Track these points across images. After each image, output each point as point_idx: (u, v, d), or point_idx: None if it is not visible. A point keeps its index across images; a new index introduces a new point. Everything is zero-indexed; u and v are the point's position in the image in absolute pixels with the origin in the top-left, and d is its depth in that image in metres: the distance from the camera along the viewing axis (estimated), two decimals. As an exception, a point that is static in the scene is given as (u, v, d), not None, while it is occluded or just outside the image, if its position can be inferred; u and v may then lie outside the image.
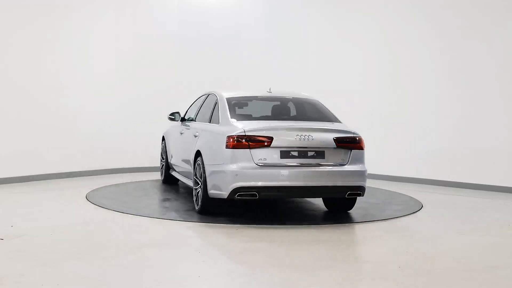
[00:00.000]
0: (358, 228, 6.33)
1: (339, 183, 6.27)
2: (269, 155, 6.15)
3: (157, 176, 10.22)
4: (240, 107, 7.19)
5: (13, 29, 8.95)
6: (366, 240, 5.84)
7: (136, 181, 9.57)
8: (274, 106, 7.27)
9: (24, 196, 7.92)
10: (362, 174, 6.40)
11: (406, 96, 10.11)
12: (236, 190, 6.11)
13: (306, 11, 11.28)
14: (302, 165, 6.20)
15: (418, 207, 7.58)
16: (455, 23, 9.51)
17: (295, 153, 6.20)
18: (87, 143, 10.10)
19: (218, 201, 6.48)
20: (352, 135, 6.42)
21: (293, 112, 7.20)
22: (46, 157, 9.39)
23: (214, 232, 5.91)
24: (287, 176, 6.13)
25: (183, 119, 8.20)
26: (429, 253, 5.31)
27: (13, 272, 4.37)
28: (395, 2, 10.24)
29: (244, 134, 6.17)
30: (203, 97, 7.93)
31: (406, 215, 7.06)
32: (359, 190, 6.39)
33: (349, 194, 6.35)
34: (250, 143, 6.13)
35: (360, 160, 6.42)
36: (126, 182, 9.42)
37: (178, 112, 8.39)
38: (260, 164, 6.11)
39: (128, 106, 10.79)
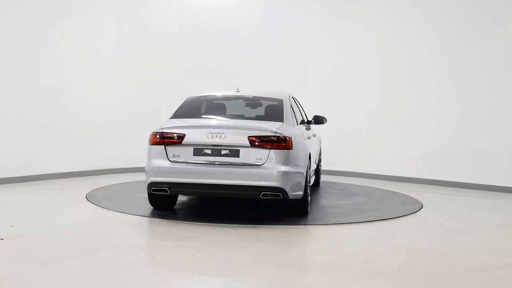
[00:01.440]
0: (358, 228, 6.33)
1: (252, 182, 6.11)
2: (183, 152, 6.27)
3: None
4: (196, 106, 7.22)
5: (13, 29, 8.95)
6: (366, 240, 5.84)
7: (136, 181, 9.56)
8: (225, 105, 7.29)
9: (24, 196, 7.91)
10: (280, 174, 6.10)
11: (406, 96, 10.11)
12: (150, 185, 6.36)
13: (306, 11, 11.28)
14: (215, 163, 6.19)
15: (418, 207, 7.58)
16: (455, 23, 9.51)
17: (208, 151, 6.24)
18: (87, 143, 10.10)
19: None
20: (268, 134, 6.17)
21: (239, 111, 7.20)
22: (46, 157, 9.39)
23: (214, 232, 5.91)
24: (197, 173, 6.18)
25: None
26: (429, 253, 5.31)
27: (13, 272, 4.37)
28: (395, 2, 10.24)
29: (161, 131, 6.38)
30: None
31: (406, 215, 7.06)
32: (276, 191, 6.13)
33: (263, 195, 6.13)
34: (164, 140, 6.32)
35: (280, 160, 6.13)
36: (126, 182, 9.42)
37: None
38: (173, 161, 6.27)
39: (128, 106, 10.79)
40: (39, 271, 4.42)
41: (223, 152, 6.21)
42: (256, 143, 6.15)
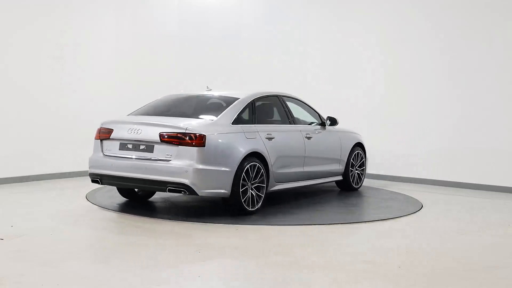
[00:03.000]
0: (358, 228, 6.33)
1: (159, 177, 6.30)
2: (112, 146, 6.74)
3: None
4: (157, 104, 7.48)
5: (13, 29, 8.95)
6: (366, 240, 5.85)
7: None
8: (177, 103, 7.45)
9: (24, 196, 7.92)
10: (185, 170, 6.20)
11: (406, 96, 10.10)
12: (90, 175, 6.92)
13: (306, 11, 11.27)
14: (134, 158, 6.52)
15: (418, 207, 7.58)
16: (455, 23, 9.50)
17: (130, 146, 6.59)
18: (87, 143, 10.05)
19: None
20: (177, 131, 6.32)
21: (184, 109, 7.25)
22: (46, 157, 9.39)
23: (214, 232, 5.91)
24: (118, 166, 6.58)
25: None
26: (429, 253, 5.31)
27: (13, 272, 4.37)
28: (395, 2, 10.23)
29: (100, 126, 6.94)
30: None
31: (406, 215, 7.06)
32: (181, 187, 6.24)
33: (169, 190, 6.31)
34: (100, 134, 6.88)
35: (188, 156, 6.23)
36: (126, 182, 9.41)
37: None
38: (106, 154, 6.78)
39: (128, 106, 10.74)
40: (39, 271, 4.42)
41: (141, 147, 6.51)
42: (166, 139, 6.33)
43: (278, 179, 7.20)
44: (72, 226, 6.19)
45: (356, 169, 8.96)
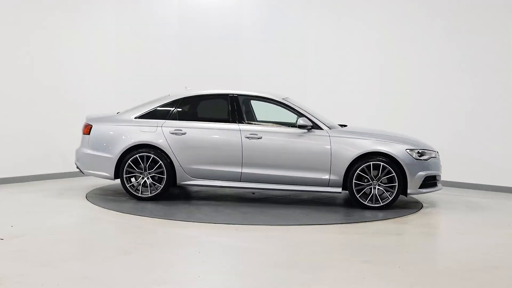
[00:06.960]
0: (358, 228, 6.33)
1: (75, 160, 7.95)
2: None
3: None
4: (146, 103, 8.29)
5: (13, 29, 8.94)
6: (366, 240, 5.85)
7: (136, 181, 9.56)
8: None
9: (24, 196, 7.91)
10: (77, 154, 7.84)
11: (406, 96, 10.10)
12: None
13: (306, 11, 11.27)
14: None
15: (418, 207, 7.58)
16: (455, 23, 9.50)
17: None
18: (87, 143, 10.07)
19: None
20: (85, 122, 7.84)
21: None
22: (46, 157, 9.38)
23: (214, 232, 5.92)
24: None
25: None
26: (429, 253, 5.32)
27: (13, 272, 4.38)
28: (395, 2, 10.20)
29: None
30: None
31: (406, 215, 7.06)
32: (77, 167, 7.84)
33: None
34: None
35: (81, 143, 7.79)
36: (126, 182, 9.40)
37: None
38: None
39: (128, 106, 10.76)
40: (39, 271, 4.42)
41: None
42: (82, 129, 7.87)
43: (194, 174, 7.40)
44: (72, 226, 6.19)
45: (379, 184, 7.21)
